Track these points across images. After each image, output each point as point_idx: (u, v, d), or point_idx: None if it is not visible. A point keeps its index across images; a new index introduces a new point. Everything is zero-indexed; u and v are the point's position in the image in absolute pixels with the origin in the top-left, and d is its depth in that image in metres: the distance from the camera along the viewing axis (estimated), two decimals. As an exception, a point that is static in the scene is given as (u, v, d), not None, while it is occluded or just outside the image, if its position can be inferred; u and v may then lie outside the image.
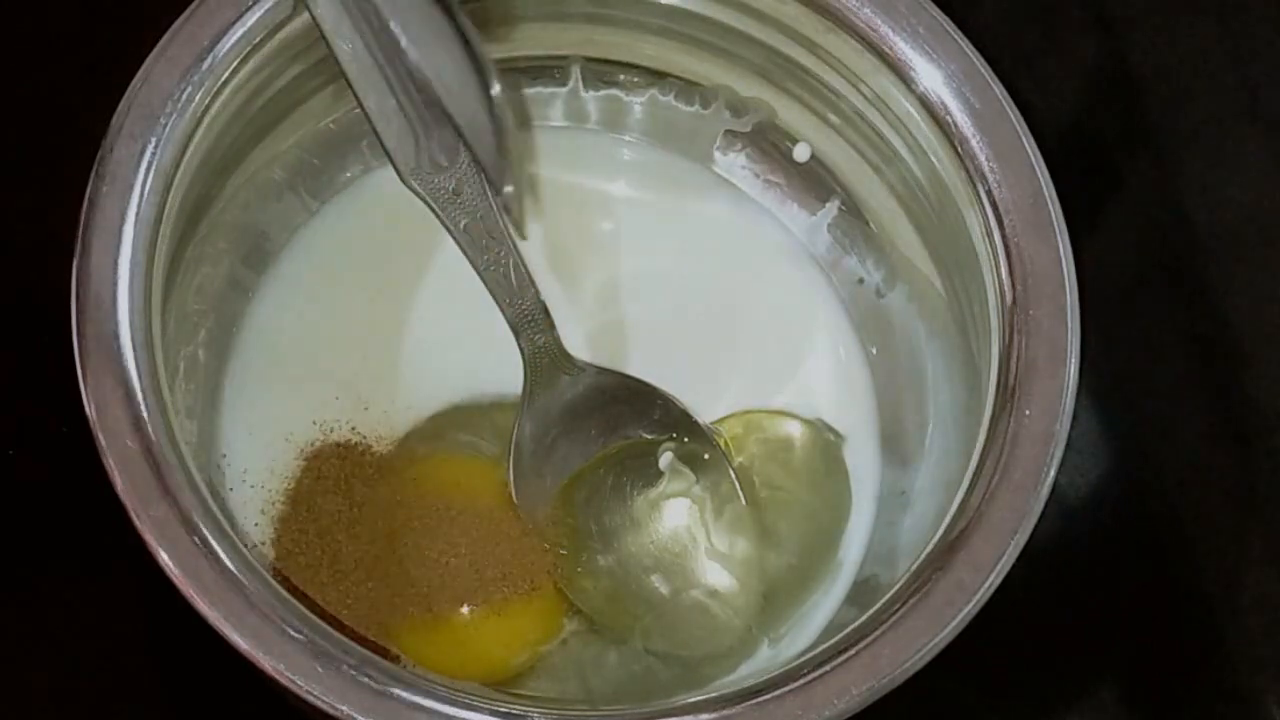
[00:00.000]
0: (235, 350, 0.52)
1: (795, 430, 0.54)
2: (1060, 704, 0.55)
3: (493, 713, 0.40)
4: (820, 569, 0.52)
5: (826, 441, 0.53)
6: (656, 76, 0.55)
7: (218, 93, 0.46)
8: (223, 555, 0.41)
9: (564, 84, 0.56)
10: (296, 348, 0.52)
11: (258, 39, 0.46)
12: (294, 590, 0.46)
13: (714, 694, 0.42)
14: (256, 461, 0.50)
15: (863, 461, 0.53)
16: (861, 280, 0.55)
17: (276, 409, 0.51)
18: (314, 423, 0.51)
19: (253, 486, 0.50)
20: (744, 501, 0.52)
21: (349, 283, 0.54)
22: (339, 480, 0.50)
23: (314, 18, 0.45)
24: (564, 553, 0.50)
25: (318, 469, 0.50)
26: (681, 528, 0.51)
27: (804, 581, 0.52)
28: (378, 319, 0.53)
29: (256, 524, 0.50)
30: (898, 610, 0.43)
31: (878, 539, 0.52)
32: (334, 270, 0.54)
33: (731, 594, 0.51)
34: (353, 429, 0.51)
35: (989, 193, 0.47)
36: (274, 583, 0.41)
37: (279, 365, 0.52)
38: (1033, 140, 0.47)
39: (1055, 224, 0.47)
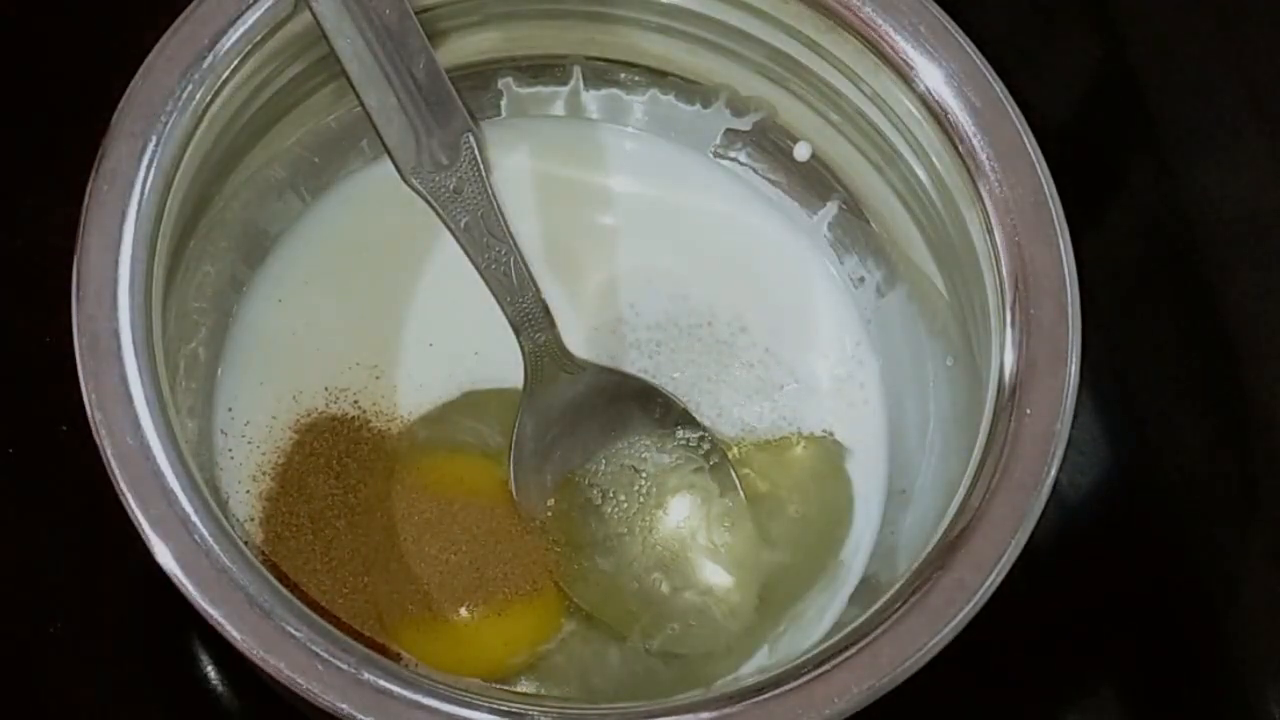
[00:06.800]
0: (234, 343, 0.52)
1: (796, 434, 0.54)
2: (1060, 704, 0.55)
3: (493, 711, 0.40)
4: (819, 571, 0.52)
5: (826, 446, 0.53)
6: (657, 76, 0.55)
7: (218, 91, 0.46)
8: (223, 555, 0.41)
9: (565, 83, 0.56)
10: (300, 334, 0.52)
11: (258, 37, 0.46)
12: (285, 579, 0.46)
13: (714, 693, 0.42)
14: (259, 414, 0.51)
15: (868, 461, 0.53)
16: (862, 280, 0.55)
17: (279, 384, 0.51)
18: (325, 389, 0.51)
19: (250, 441, 0.50)
20: (744, 501, 0.52)
21: (353, 271, 0.53)
22: (330, 459, 0.50)
23: (315, 16, 0.45)
24: (564, 551, 0.50)
25: (310, 445, 0.50)
26: (681, 526, 0.51)
27: (803, 583, 0.52)
28: (385, 307, 0.53)
29: (248, 490, 0.50)
30: (898, 610, 0.43)
31: (879, 538, 0.52)
32: (336, 259, 0.54)
33: (730, 593, 0.51)
34: (354, 402, 0.51)
35: (990, 192, 0.47)
36: (274, 581, 0.41)
37: (281, 351, 0.52)
38: (1034, 139, 0.47)
39: (1056, 224, 0.47)
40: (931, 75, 0.48)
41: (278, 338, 0.52)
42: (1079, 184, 0.49)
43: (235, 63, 0.46)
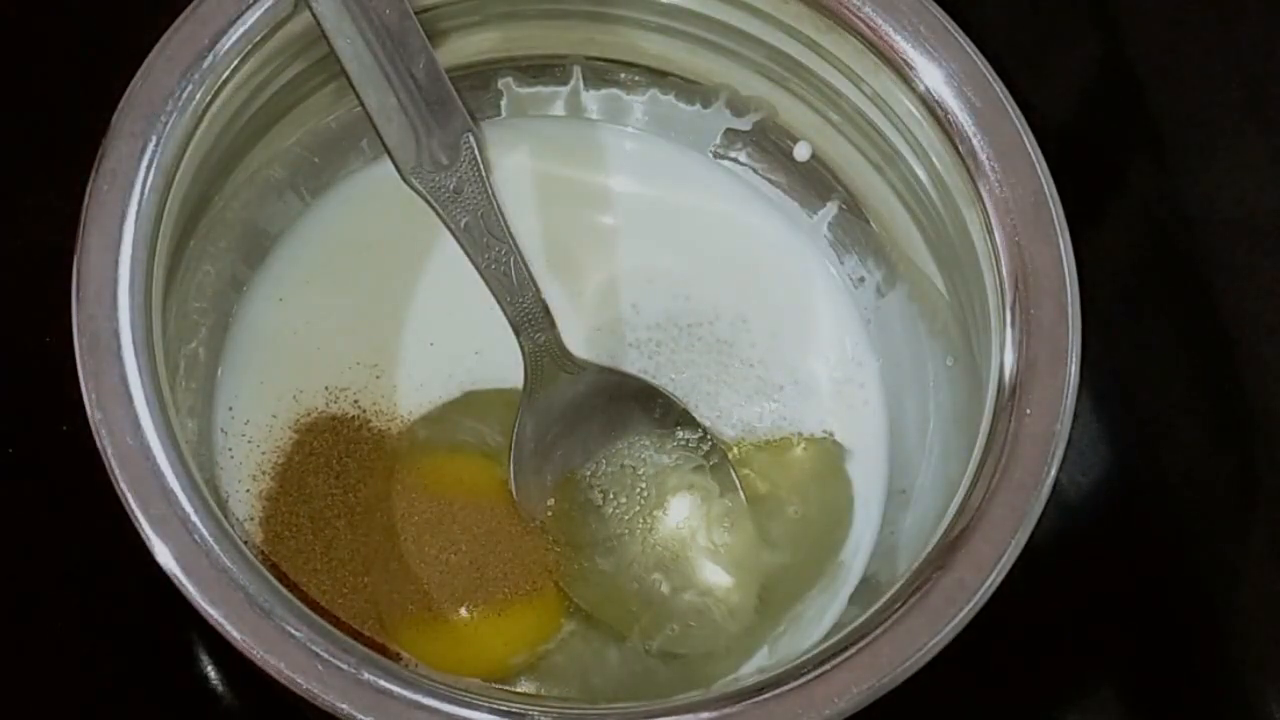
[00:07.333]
0: (234, 342, 0.52)
1: (796, 435, 0.54)
2: (1060, 704, 0.55)
3: (493, 711, 0.40)
4: (819, 572, 0.52)
5: (826, 446, 0.53)
6: (657, 76, 0.55)
7: (218, 91, 0.46)
8: (223, 555, 0.41)
9: (565, 83, 0.56)
10: (301, 333, 0.52)
11: (258, 37, 0.46)
12: (285, 579, 0.46)
13: (714, 693, 0.42)
14: (259, 413, 0.50)
15: (868, 461, 0.53)
16: (862, 280, 0.55)
17: (279, 383, 0.51)
18: (325, 388, 0.51)
19: (250, 440, 0.50)
20: (744, 501, 0.52)
21: (353, 271, 0.53)
22: (330, 459, 0.50)
23: (315, 16, 0.45)
24: (564, 551, 0.50)
25: (310, 444, 0.50)
26: (681, 526, 0.51)
27: (802, 584, 0.52)
28: (385, 307, 0.53)
29: (248, 489, 0.50)
30: (898, 610, 0.43)
31: (879, 538, 0.52)
32: (336, 259, 0.53)
33: (730, 593, 0.51)
34: (355, 402, 0.51)
35: (990, 192, 0.47)
36: (274, 582, 0.41)
37: (281, 350, 0.52)
38: (1033, 139, 0.47)
39: (1056, 223, 0.47)
40: (931, 75, 0.48)
41: (278, 337, 0.52)
42: (1079, 184, 0.49)
43: (235, 63, 0.46)
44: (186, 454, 0.42)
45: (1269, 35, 0.58)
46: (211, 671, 0.53)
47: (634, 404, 0.52)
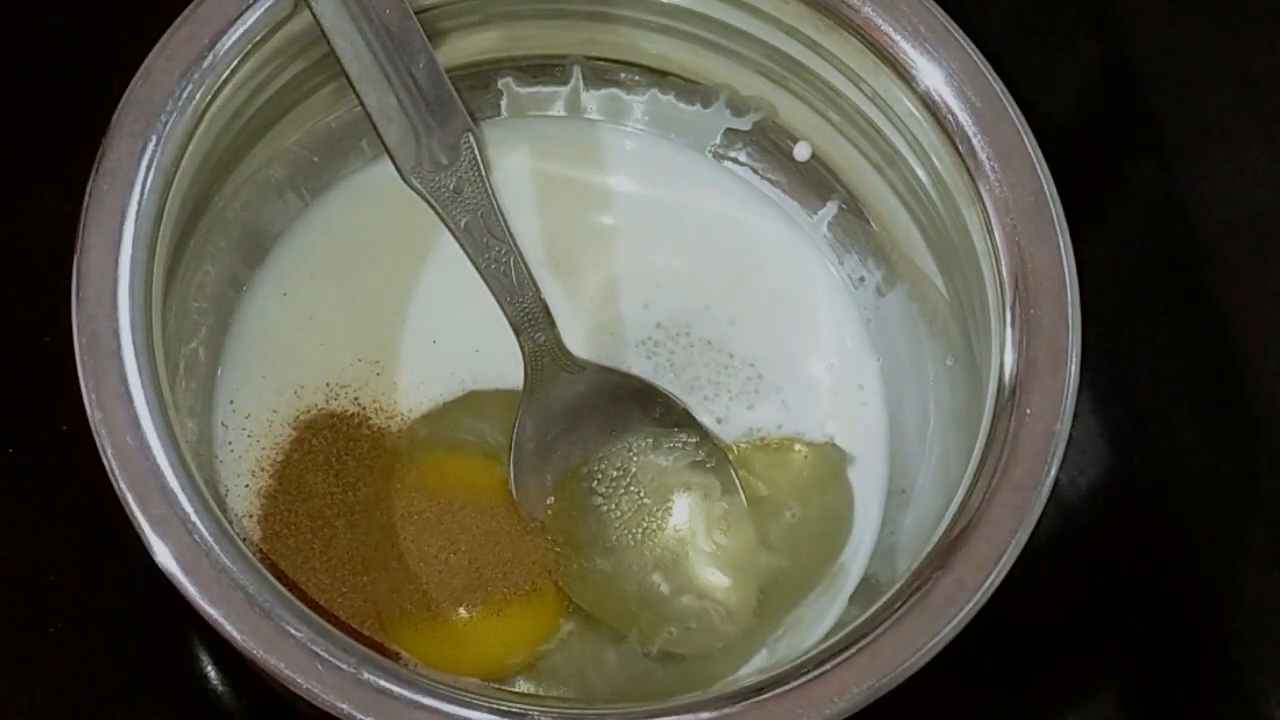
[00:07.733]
0: (236, 337, 0.52)
1: (796, 439, 0.54)
2: (1060, 704, 0.55)
3: (493, 711, 0.40)
4: (819, 575, 0.52)
5: (826, 450, 0.53)
6: (657, 75, 0.55)
7: (218, 90, 0.46)
8: (222, 555, 0.41)
9: (565, 83, 0.56)
10: (303, 329, 0.52)
11: (258, 37, 0.46)
12: (283, 577, 0.46)
13: (713, 693, 0.42)
14: (259, 408, 0.50)
15: (868, 462, 0.53)
16: (862, 280, 0.55)
17: (281, 378, 0.51)
18: (326, 384, 0.51)
19: (250, 435, 0.50)
20: (744, 502, 0.52)
21: (354, 270, 0.53)
22: (329, 457, 0.50)
23: (315, 16, 0.45)
24: (563, 551, 0.50)
25: (309, 442, 0.50)
26: (681, 527, 0.51)
27: (802, 587, 0.52)
28: (386, 305, 0.53)
29: (247, 485, 0.50)
30: (898, 609, 0.43)
31: (879, 539, 0.52)
32: (336, 259, 0.53)
33: (729, 595, 0.51)
34: (354, 399, 0.51)
35: (990, 192, 0.47)
36: (274, 581, 0.41)
37: (283, 345, 0.52)
38: (1034, 139, 0.47)
39: (1056, 223, 0.47)
40: (931, 75, 0.48)
41: (280, 331, 0.52)
42: (1079, 184, 0.49)
43: (235, 63, 0.46)
44: (186, 454, 0.42)
45: (1269, 35, 0.58)
46: (211, 671, 0.53)
47: (634, 404, 0.52)
